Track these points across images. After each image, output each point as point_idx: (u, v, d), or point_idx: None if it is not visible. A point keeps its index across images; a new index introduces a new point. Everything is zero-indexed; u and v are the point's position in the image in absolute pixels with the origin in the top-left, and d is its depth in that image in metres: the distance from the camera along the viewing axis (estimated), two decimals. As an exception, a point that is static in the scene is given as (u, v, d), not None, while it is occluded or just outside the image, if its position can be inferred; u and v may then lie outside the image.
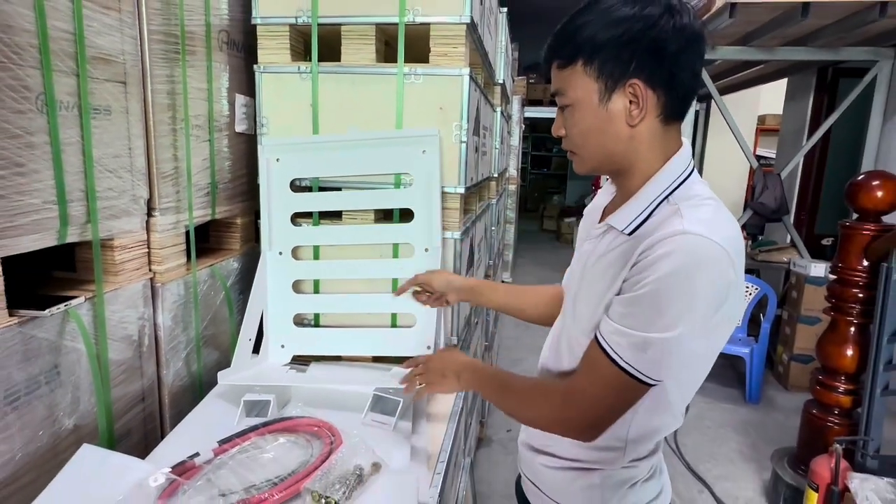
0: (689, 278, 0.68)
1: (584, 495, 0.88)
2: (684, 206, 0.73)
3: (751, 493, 2.39)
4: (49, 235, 0.96)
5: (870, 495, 1.69)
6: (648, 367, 0.72)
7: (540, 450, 0.94)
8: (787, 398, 3.33)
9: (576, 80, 0.77)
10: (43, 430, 0.96)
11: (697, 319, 0.70)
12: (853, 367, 2.03)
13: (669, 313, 0.69)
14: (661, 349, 0.71)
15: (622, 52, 0.73)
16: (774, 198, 3.50)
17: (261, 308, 1.39)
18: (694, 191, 0.77)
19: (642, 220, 0.77)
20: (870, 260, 1.97)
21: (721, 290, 0.70)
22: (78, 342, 1.02)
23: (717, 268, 0.69)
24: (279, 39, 1.40)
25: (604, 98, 0.75)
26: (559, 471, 0.91)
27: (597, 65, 0.74)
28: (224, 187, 1.46)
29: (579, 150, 0.81)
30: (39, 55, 0.91)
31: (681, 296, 0.69)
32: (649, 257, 0.71)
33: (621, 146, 0.78)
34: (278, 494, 0.87)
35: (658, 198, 0.77)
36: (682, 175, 0.78)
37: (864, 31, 2.98)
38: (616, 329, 0.73)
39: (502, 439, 2.76)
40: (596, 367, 0.76)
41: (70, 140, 0.98)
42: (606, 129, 0.77)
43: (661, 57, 0.72)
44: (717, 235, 0.69)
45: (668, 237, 0.70)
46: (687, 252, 0.68)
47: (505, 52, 2.63)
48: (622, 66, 0.73)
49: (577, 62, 0.76)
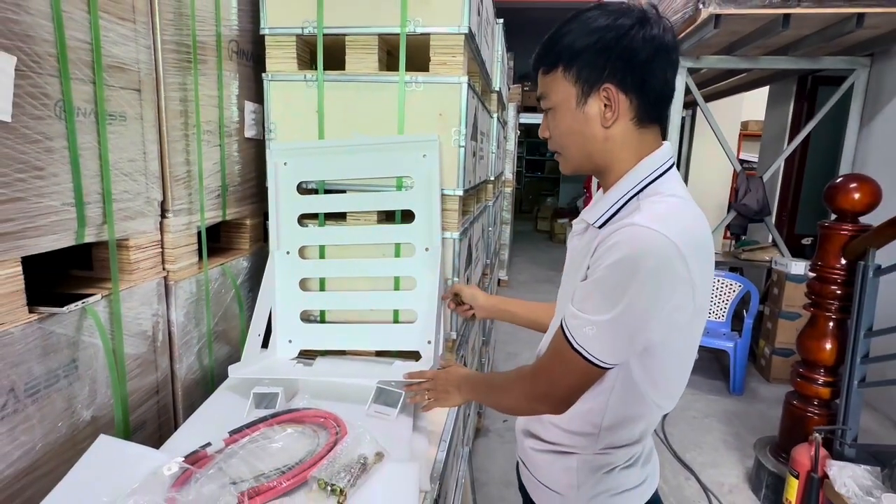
0: (631, 266, 0.69)
1: (562, 476, 0.90)
2: (645, 202, 0.75)
3: (735, 479, 2.40)
4: (67, 236, 0.96)
5: (847, 482, 1.69)
6: (598, 350, 0.74)
7: (528, 433, 0.97)
8: (769, 390, 3.33)
9: (557, 84, 0.79)
10: (62, 422, 0.95)
11: (641, 305, 0.70)
12: (832, 360, 2.03)
13: (612, 299, 0.71)
14: (605, 332, 0.73)
15: (597, 59, 0.75)
16: (757, 200, 3.51)
17: (269, 305, 1.39)
18: (662, 188, 0.78)
19: (611, 214, 0.79)
20: (847, 259, 1.97)
21: (666, 281, 0.70)
22: (95, 337, 1.01)
23: (660, 258, 0.69)
24: (286, 49, 1.39)
25: (581, 101, 0.78)
26: (543, 453, 0.93)
27: (574, 70, 0.77)
28: (234, 190, 1.45)
29: (562, 150, 0.84)
30: (58, 64, 0.90)
31: (623, 283, 0.70)
32: (603, 247, 0.73)
33: (598, 146, 0.80)
34: (286, 482, 0.87)
35: (628, 194, 0.78)
36: (654, 173, 0.78)
37: (842, 41, 2.98)
38: (573, 313, 0.76)
39: (499, 429, 2.76)
40: (558, 348, 0.79)
41: (87, 145, 0.98)
42: (583, 130, 0.79)
43: (632, 64, 0.75)
44: (667, 229, 0.69)
45: (620, 229, 0.72)
46: (632, 242, 0.70)
47: (501, 62, 2.63)
48: (597, 72, 0.76)
49: (558, 68, 0.79)
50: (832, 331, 2.03)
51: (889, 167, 3.05)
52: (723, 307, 3.51)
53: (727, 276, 3.50)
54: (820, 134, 4.00)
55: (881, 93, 3.18)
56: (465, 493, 1.50)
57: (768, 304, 3.52)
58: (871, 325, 1.88)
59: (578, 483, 0.88)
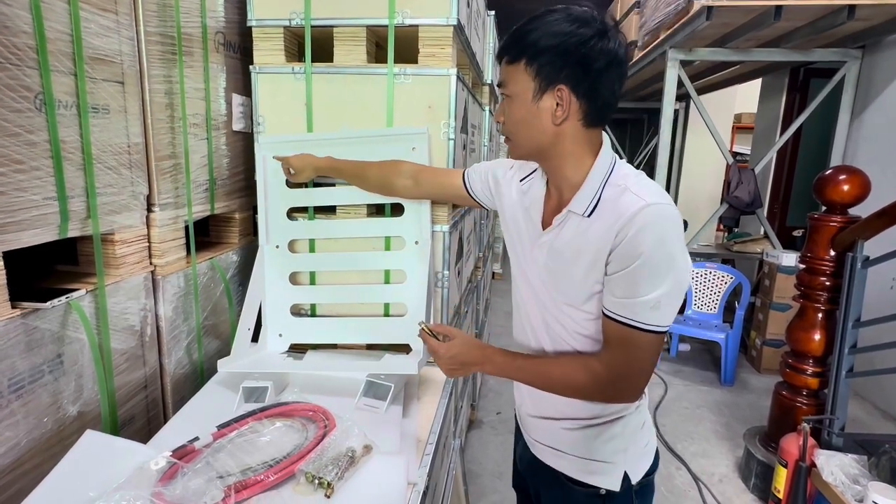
0: (668, 239, 0.78)
1: (608, 446, 0.94)
2: (629, 185, 0.83)
3: (725, 469, 2.42)
4: (49, 230, 0.94)
5: (835, 471, 1.71)
6: (664, 319, 0.81)
7: (559, 417, 0.97)
8: (759, 380, 3.36)
9: (518, 75, 0.84)
10: (47, 417, 0.95)
11: (680, 261, 0.80)
12: (820, 351, 2.05)
13: (663, 271, 0.79)
14: (667, 300, 0.80)
15: (556, 60, 0.81)
16: (749, 192, 3.51)
17: (259, 299, 1.38)
18: (623, 171, 0.87)
19: (595, 202, 0.85)
20: (836, 250, 1.98)
21: (682, 237, 0.82)
22: (80, 333, 1.00)
23: (678, 221, 0.81)
24: (274, 41, 1.37)
25: (536, 96, 0.83)
26: (582, 430, 0.95)
27: (535, 67, 0.82)
28: (222, 183, 1.44)
29: (513, 136, 0.89)
30: (37, 56, 0.89)
31: (668, 254, 0.79)
32: (629, 235, 0.79)
33: (546, 139, 0.86)
34: (274, 476, 0.87)
35: (601, 182, 0.85)
36: (612, 161, 0.88)
37: (834, 32, 2.98)
38: (626, 303, 0.81)
39: (492, 421, 2.77)
40: (624, 340, 0.82)
41: (69, 138, 0.96)
42: (534, 122, 0.85)
43: (586, 71, 0.81)
44: (667, 199, 0.81)
45: (638, 213, 0.78)
46: (660, 220, 0.79)
47: (493, 54, 2.61)
48: (554, 72, 0.81)
49: (521, 61, 0.83)
50: (821, 322, 2.04)
51: (879, 159, 3.06)
52: (714, 299, 3.53)
53: (719, 268, 3.51)
54: (812, 126, 4.01)
55: (872, 85, 3.18)
56: (456, 484, 1.51)
57: (760, 295, 3.54)
58: (859, 316, 1.89)
59: (626, 446, 0.94)
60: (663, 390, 3.19)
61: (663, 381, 3.31)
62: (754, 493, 2.23)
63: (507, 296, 5.48)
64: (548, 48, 0.80)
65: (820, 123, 4.07)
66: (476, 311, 2.62)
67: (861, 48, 3.22)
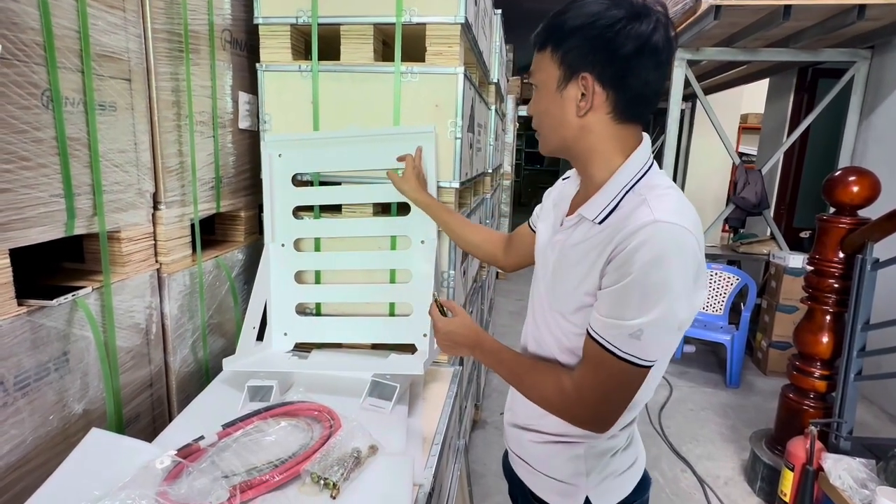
0: (667, 263, 0.69)
1: (568, 465, 0.90)
2: (650, 197, 0.75)
3: (730, 472, 2.40)
4: (56, 228, 0.94)
5: (842, 475, 1.69)
6: (645, 351, 0.73)
7: (527, 427, 0.95)
8: (765, 383, 3.33)
9: (544, 63, 0.79)
10: (53, 415, 0.94)
11: (680, 296, 0.71)
12: (828, 354, 2.03)
13: (654, 297, 0.70)
14: (652, 332, 0.71)
15: (581, 45, 0.74)
16: (755, 193, 3.49)
17: (264, 297, 1.38)
18: (655, 181, 0.78)
19: (611, 209, 0.78)
20: (845, 252, 1.96)
21: (692, 267, 0.72)
22: (86, 330, 1.00)
23: (687, 249, 0.71)
24: (280, 39, 1.37)
25: (560, 85, 0.77)
26: (546, 444, 0.92)
27: (560, 53, 0.76)
28: (228, 182, 1.44)
29: (539, 129, 0.84)
30: (45, 52, 0.88)
31: (663, 280, 0.70)
32: (626, 249, 0.71)
33: (571, 133, 0.79)
34: (279, 476, 0.86)
35: (624, 188, 0.78)
36: (643, 168, 0.79)
37: (843, 32, 2.95)
38: (608, 323, 0.73)
39: (496, 421, 2.76)
40: (598, 363, 0.76)
41: (76, 135, 0.96)
42: (557, 114, 0.79)
43: (612, 57, 0.73)
44: (684, 221, 0.71)
45: (642, 227, 0.70)
46: (662, 239, 0.70)
47: (499, 53, 2.60)
48: (579, 59, 0.75)
49: (547, 47, 0.78)
50: (829, 324, 2.02)
51: (888, 160, 3.03)
52: (720, 300, 3.51)
53: (725, 270, 3.49)
54: (819, 127, 3.98)
55: (881, 85, 3.15)
56: (461, 485, 1.50)
57: (766, 297, 3.51)
58: (868, 319, 1.87)
59: (587, 470, 0.89)
60: (668, 392, 3.17)
61: (668, 382, 3.29)
62: (760, 496, 2.21)
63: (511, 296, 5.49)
64: (573, 32, 0.74)
65: (828, 124, 4.04)
66: (480, 311, 2.61)
67: (870, 48, 3.19)
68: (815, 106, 3.57)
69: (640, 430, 0.98)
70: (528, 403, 0.89)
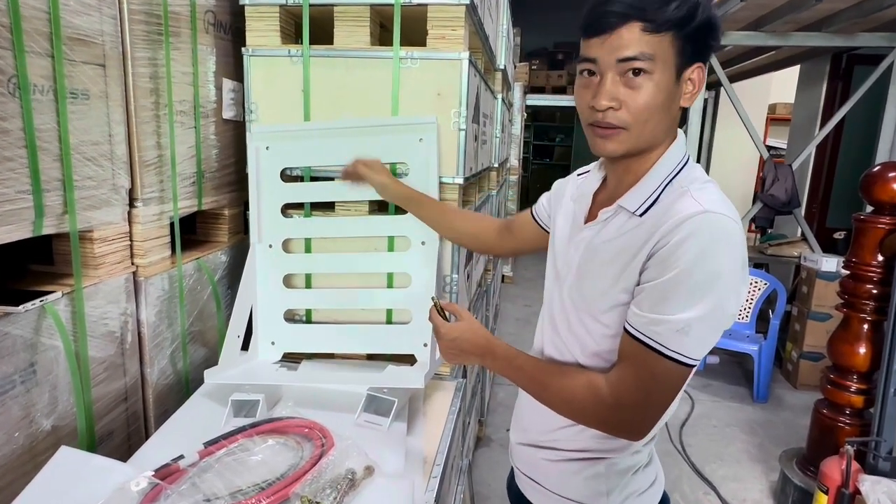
0: (717, 254, 0.72)
1: (588, 485, 0.90)
2: (693, 189, 0.78)
3: (758, 494, 2.40)
4: (23, 227, 0.94)
5: (881, 498, 1.68)
6: (692, 349, 0.75)
7: (541, 445, 0.95)
8: (796, 397, 3.33)
9: (661, 49, 0.75)
10: (18, 432, 0.94)
11: (729, 288, 0.74)
12: (866, 366, 2.02)
13: (702, 290, 0.72)
14: (701, 327, 0.74)
15: (698, 34, 0.76)
16: (785, 190, 3.49)
17: (250, 303, 1.38)
18: (695, 174, 0.82)
19: (652, 201, 0.80)
20: (885, 255, 1.96)
21: (741, 261, 0.75)
22: (55, 339, 1.00)
23: (737, 241, 0.74)
24: (268, 21, 1.37)
25: (678, 75, 0.78)
26: (563, 463, 0.92)
27: (681, 41, 0.76)
28: (211, 177, 1.44)
29: (635, 125, 0.78)
30: (11, 35, 0.88)
31: (713, 272, 0.72)
32: (672, 241, 0.74)
33: (666, 126, 0.81)
34: (266, 499, 0.86)
35: (665, 180, 0.81)
36: (683, 159, 0.84)
37: (881, 15, 2.95)
38: (652, 319, 0.75)
39: (501, 438, 2.76)
40: (640, 363, 0.77)
41: (45, 126, 0.96)
42: (670, 107, 0.80)
43: (712, 44, 0.79)
44: (731, 213, 0.75)
45: (689, 218, 0.73)
46: (712, 229, 0.73)
47: (507, 37, 2.60)
48: (695, 47, 0.77)
49: (669, 32, 0.75)
50: (867, 334, 2.02)
51: (930, 155, 3.03)
52: (746, 307, 3.50)
53: (752, 273, 3.49)
54: (855, 118, 3.98)
55: (923, 73, 3.15)
56: (464, 509, 1.50)
57: (796, 303, 3.51)
58: (910, 328, 1.86)
59: (608, 489, 0.89)
60: (690, 407, 3.17)
61: (690, 396, 3.29)
62: (791, 521, 2.21)
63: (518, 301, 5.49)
64: (700, 22, 0.75)
65: (865, 115, 4.04)
66: (486, 318, 2.61)
67: (911, 32, 3.19)
68: (850, 95, 3.57)
69: (659, 448, 0.99)
70: (541, 419, 0.90)
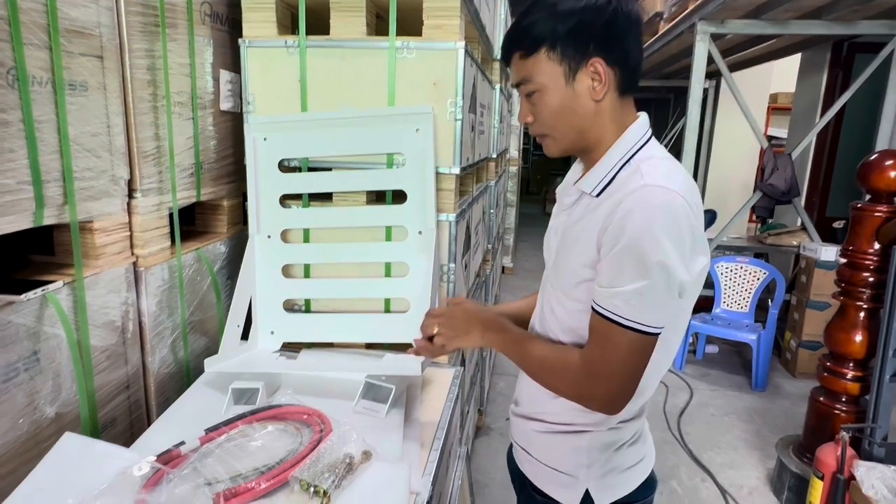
0: (656, 225, 0.77)
1: (571, 457, 0.96)
2: (644, 165, 0.84)
3: (755, 481, 2.42)
4: (24, 218, 0.95)
5: (876, 483, 1.70)
6: (649, 317, 0.79)
7: (532, 417, 1.01)
8: (794, 385, 3.35)
9: (540, 66, 0.86)
10: (23, 419, 0.96)
11: (672, 257, 0.78)
12: (862, 354, 2.04)
13: (645, 260, 0.77)
14: (651, 294, 0.78)
15: (580, 36, 0.83)
16: (785, 179, 3.48)
17: (249, 293, 1.39)
18: (651, 153, 0.87)
19: (607, 181, 0.86)
20: (881, 243, 1.96)
21: (686, 230, 0.79)
22: (58, 328, 1.01)
23: (675, 209, 0.78)
24: (265, 12, 1.37)
25: (570, 79, 0.85)
26: (549, 434, 0.98)
27: (559, 50, 0.84)
28: (209, 168, 1.44)
29: (551, 131, 0.90)
30: (9, 27, 0.89)
31: (654, 243, 0.77)
32: (618, 216, 0.79)
33: (588, 121, 0.88)
34: (265, 483, 0.87)
35: (620, 161, 0.87)
36: (640, 141, 0.88)
37: (882, 2, 2.93)
38: (609, 293, 0.80)
39: (501, 428, 2.78)
40: (604, 336, 0.82)
41: (44, 117, 0.97)
42: (575, 106, 0.87)
43: (613, 37, 0.84)
44: (673, 185, 0.80)
45: (631, 193, 0.79)
46: (651, 203, 0.78)
47: (504, 27, 2.60)
48: (582, 49, 0.84)
49: (540, 50, 0.85)
50: (863, 321, 2.03)
51: (930, 143, 3.02)
52: (746, 296, 3.51)
53: (751, 263, 3.49)
54: (856, 107, 3.96)
55: (923, 61, 3.13)
56: (462, 495, 1.52)
57: (795, 292, 3.52)
58: (906, 316, 1.88)
59: (589, 462, 0.95)
60: (688, 395, 3.19)
61: (688, 385, 3.31)
62: (787, 507, 2.23)
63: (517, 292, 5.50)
64: (568, 28, 0.83)
65: (865, 104, 4.02)
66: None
67: (912, 20, 3.17)
68: (850, 84, 3.55)
69: (657, 436, 1.01)
70: (534, 392, 0.96)
